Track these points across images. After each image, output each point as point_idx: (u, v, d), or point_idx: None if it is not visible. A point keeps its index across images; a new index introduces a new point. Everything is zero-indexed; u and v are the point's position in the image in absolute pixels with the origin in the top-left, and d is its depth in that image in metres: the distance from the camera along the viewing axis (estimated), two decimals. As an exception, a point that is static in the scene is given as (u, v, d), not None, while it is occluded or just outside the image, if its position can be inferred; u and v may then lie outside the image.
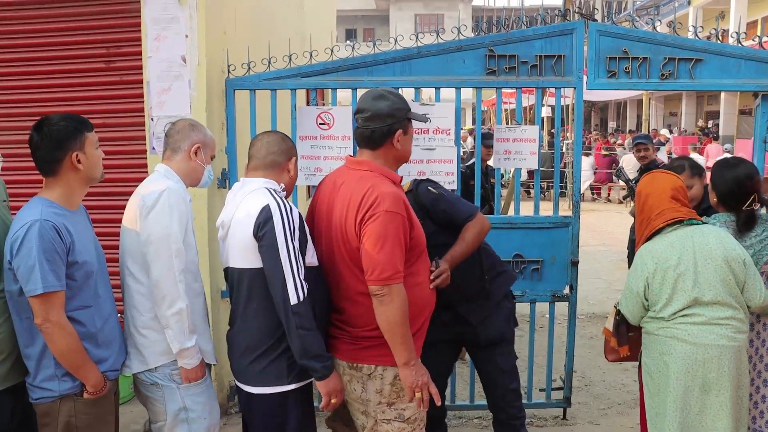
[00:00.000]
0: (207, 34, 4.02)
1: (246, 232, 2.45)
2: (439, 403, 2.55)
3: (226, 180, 4.14)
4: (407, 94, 4.43)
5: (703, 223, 2.93)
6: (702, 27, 4.22)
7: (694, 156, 14.30)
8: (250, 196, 2.52)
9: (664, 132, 20.83)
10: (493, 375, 3.29)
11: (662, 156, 14.02)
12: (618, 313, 3.07)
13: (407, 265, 2.49)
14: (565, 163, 14.18)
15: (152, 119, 4.07)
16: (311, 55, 4.09)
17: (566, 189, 13.72)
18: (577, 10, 4.08)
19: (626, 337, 3.10)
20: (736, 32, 4.01)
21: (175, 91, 4.02)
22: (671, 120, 28.43)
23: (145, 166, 4.15)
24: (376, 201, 2.40)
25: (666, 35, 3.97)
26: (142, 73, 4.10)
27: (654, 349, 2.87)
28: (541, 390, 4.42)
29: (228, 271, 2.63)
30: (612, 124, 30.95)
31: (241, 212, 2.50)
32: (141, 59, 4.09)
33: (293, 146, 2.75)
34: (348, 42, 4.46)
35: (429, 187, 3.08)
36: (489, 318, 3.21)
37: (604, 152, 16.10)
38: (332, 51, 4.17)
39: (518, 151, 4.13)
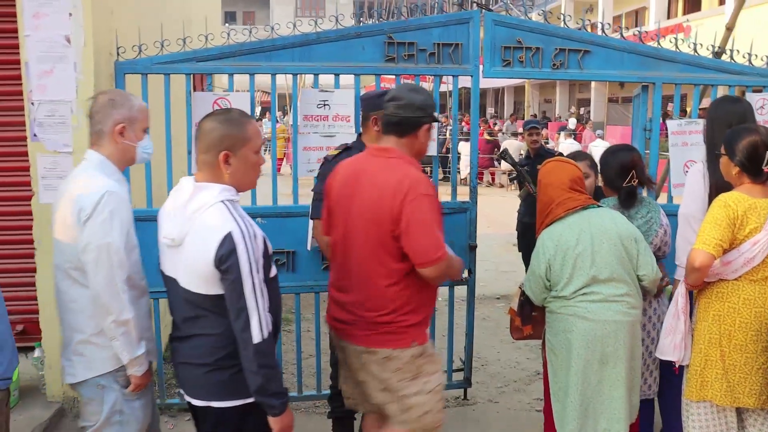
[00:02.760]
0: (93, 13, 3.76)
1: (204, 260, 2.17)
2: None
3: (117, 170, 3.92)
4: (306, 80, 4.39)
5: (599, 206, 3.10)
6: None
7: (569, 141, 15.07)
8: (207, 214, 2.20)
9: (572, 121, 21.37)
10: None
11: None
12: (523, 294, 3.20)
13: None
14: (447, 149, 14.52)
15: (32, 104, 3.77)
16: (207, 39, 3.93)
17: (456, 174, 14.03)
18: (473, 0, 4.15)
19: (530, 317, 3.25)
20: (620, 26, 4.25)
21: (59, 74, 3.74)
22: (546, 106, 29.82)
23: (26, 154, 3.84)
24: (413, 185, 2.54)
25: (557, 27, 4.13)
26: (19, 53, 3.79)
27: (557, 327, 3.02)
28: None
29: (171, 282, 2.35)
30: (490, 110, 32.04)
31: (197, 233, 2.20)
32: (18, 37, 3.78)
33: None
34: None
35: None
36: None
37: (487, 137, 16.59)
38: (228, 35, 4.03)
39: (417, 138, 4.18)
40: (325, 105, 4.01)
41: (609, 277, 2.94)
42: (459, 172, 12.93)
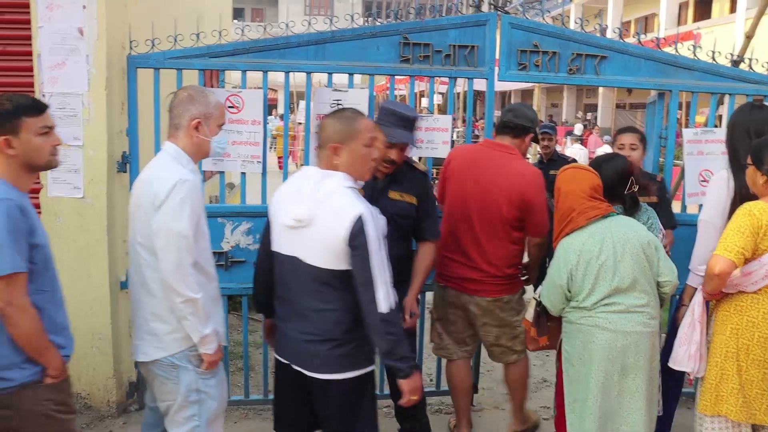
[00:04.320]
0: (107, 6, 3.72)
1: (337, 237, 2.42)
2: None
3: (126, 164, 3.88)
4: (320, 78, 4.34)
5: (617, 214, 3.05)
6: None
7: (576, 147, 15.02)
8: (336, 197, 2.46)
9: (578, 127, 21.12)
10: None
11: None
12: (538, 304, 3.14)
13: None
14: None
15: (44, 95, 3.73)
16: (220, 35, 3.89)
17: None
18: (490, 2, 4.10)
19: (546, 328, 3.18)
20: (637, 32, 4.19)
21: (71, 66, 3.70)
22: (553, 111, 29.76)
23: (35, 146, 3.80)
24: (536, 177, 3.48)
25: (574, 31, 4.07)
26: (31, 44, 3.76)
27: (576, 337, 2.97)
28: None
29: (290, 261, 2.55)
30: (497, 113, 31.95)
31: (327, 213, 2.45)
32: (30, 29, 3.75)
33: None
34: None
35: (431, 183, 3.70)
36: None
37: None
38: (243, 31, 3.99)
39: (430, 140, 4.13)
40: (338, 104, 3.96)
41: (631, 285, 2.90)
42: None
